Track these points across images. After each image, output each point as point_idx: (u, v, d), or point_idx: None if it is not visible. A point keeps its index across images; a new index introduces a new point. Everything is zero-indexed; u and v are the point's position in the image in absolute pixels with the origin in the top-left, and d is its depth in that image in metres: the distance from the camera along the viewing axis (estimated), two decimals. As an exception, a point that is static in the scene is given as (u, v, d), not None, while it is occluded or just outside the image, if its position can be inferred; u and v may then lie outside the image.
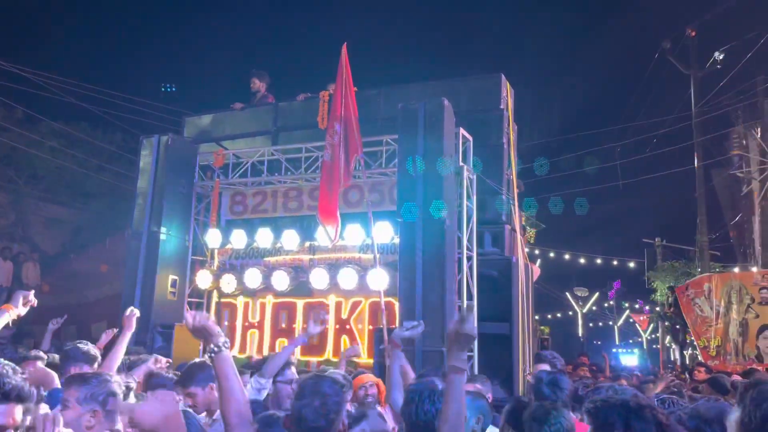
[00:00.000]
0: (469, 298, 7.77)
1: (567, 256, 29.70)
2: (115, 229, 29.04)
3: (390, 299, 8.12)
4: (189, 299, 9.38)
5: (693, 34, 24.40)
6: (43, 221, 28.14)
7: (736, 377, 7.79)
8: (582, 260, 29.74)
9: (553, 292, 32.38)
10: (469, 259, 7.90)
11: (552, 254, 28.82)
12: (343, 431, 2.95)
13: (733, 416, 1.67)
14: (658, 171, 25.17)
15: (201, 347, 8.90)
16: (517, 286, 8.14)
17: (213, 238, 9.28)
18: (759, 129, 21.74)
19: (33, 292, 3.88)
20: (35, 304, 3.88)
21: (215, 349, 2.68)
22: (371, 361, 8.19)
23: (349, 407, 3.78)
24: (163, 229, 8.82)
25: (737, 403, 1.69)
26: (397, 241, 8.20)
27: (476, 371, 7.47)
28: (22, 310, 3.77)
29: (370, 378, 5.44)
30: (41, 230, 27.42)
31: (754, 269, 17.79)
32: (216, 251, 9.56)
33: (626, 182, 25.08)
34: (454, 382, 2.49)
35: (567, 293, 33.13)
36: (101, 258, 27.08)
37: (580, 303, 32.79)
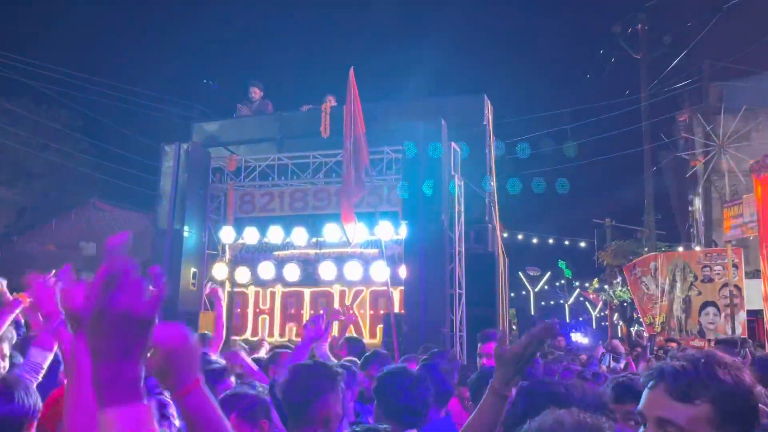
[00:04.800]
0: (460, 287, 9.88)
1: (520, 236, 32.00)
2: (61, 209, 29.82)
3: (391, 288, 10.12)
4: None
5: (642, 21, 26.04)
6: (-17, 202, 28.53)
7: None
8: (534, 240, 32.11)
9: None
10: (459, 253, 9.99)
11: (506, 234, 31.18)
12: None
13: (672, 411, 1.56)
14: (608, 153, 27.44)
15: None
16: (498, 276, 10.29)
17: (227, 234, 11.09)
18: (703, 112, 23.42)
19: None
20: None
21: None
22: (374, 341, 10.25)
23: None
24: (186, 227, 10.56)
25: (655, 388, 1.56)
26: (396, 237, 10.22)
27: (465, 351, 9.58)
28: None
29: None
30: (-18, 212, 27.89)
31: (697, 248, 19.58)
32: (227, 246, 11.35)
33: (578, 164, 27.37)
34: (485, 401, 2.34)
35: (519, 273, 35.84)
36: (48, 239, 27.90)
37: (532, 282, 35.60)
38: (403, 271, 9.92)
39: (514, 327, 21.02)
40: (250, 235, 11.05)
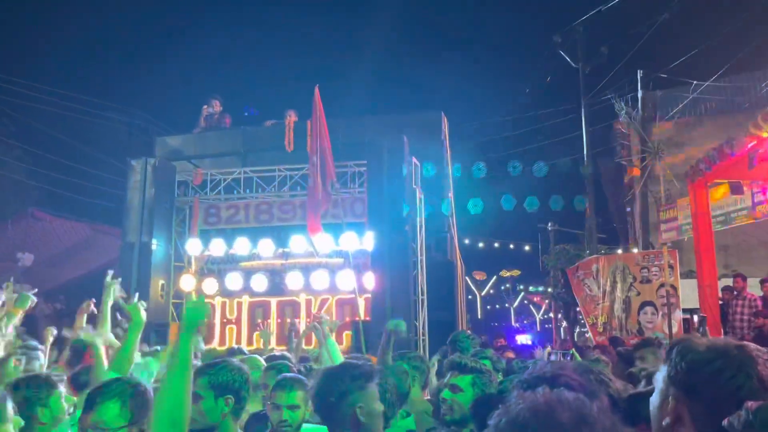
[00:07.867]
0: (422, 294, 10.55)
1: (467, 241, 32.89)
2: (-3, 218, 29.15)
3: (357, 296, 10.70)
4: (173, 300, 11.53)
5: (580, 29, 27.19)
6: None
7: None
8: (480, 244, 33.10)
9: (452, 276, 35.66)
10: (421, 262, 10.67)
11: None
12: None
13: (661, 374, 1.72)
14: (549, 159, 28.53)
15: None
16: (456, 282, 11.02)
17: (193, 246, 11.48)
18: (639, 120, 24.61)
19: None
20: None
21: None
22: (340, 347, 10.81)
23: None
24: (153, 240, 10.93)
25: (664, 362, 1.77)
26: (361, 247, 10.83)
27: (427, 353, 10.24)
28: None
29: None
30: None
31: (635, 250, 20.05)
32: (194, 258, 11.74)
33: (521, 169, 28.34)
34: None
35: (466, 277, 36.75)
36: (-19, 250, 27.29)
37: (479, 286, 36.64)
38: (367, 280, 10.53)
39: (468, 331, 21.76)
40: (217, 247, 11.48)
